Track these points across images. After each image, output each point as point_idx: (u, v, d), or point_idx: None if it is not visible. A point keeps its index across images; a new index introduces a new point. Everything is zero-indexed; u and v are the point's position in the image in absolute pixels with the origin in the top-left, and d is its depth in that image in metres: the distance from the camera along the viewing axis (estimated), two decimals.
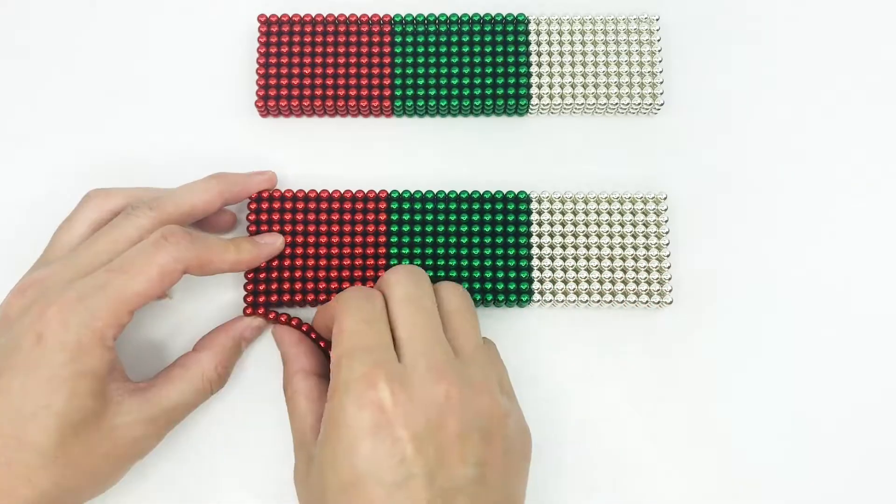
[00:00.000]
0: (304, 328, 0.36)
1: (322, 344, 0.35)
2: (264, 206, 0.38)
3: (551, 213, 0.38)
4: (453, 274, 0.37)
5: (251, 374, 0.37)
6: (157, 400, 0.32)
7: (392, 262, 0.37)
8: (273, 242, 0.36)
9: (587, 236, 0.37)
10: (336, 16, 0.40)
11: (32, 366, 0.28)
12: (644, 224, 0.37)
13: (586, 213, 0.38)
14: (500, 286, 0.37)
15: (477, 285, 0.37)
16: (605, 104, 0.39)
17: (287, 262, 0.37)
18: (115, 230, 0.32)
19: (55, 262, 0.32)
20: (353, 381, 0.28)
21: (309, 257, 0.37)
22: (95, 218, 0.34)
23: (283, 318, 0.36)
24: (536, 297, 0.37)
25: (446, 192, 0.38)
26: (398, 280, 0.31)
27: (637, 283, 0.37)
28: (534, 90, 0.39)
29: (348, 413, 0.28)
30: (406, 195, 0.38)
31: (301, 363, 0.34)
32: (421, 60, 0.39)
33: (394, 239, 0.37)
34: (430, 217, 0.37)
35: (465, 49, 0.39)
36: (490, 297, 0.36)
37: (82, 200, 0.34)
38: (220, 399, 0.36)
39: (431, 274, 0.37)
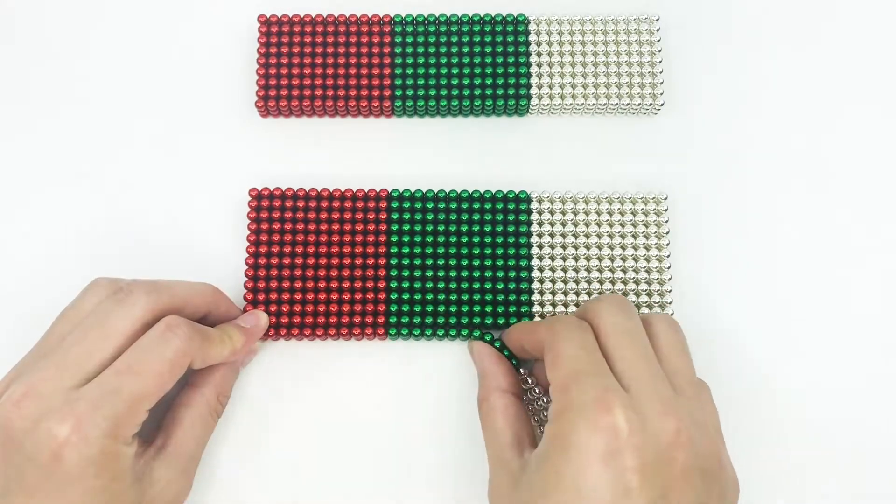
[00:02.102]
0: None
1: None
2: (265, 203, 0.37)
3: (551, 212, 0.38)
4: (453, 273, 0.37)
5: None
6: (179, 451, 0.32)
7: (392, 262, 0.37)
8: (258, 323, 0.36)
9: (587, 236, 0.37)
10: (336, 16, 0.40)
11: (55, 486, 0.28)
12: (644, 224, 0.37)
13: (586, 213, 0.38)
14: (500, 285, 0.37)
15: (477, 285, 0.37)
16: (605, 104, 0.39)
17: (287, 261, 0.37)
18: (108, 321, 0.30)
19: (45, 358, 0.30)
20: (586, 404, 0.27)
21: (309, 256, 0.37)
22: None
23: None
24: (536, 296, 0.37)
25: (447, 192, 0.38)
26: (609, 311, 0.31)
27: (637, 283, 0.37)
28: (534, 90, 0.39)
29: (581, 435, 0.27)
30: (406, 194, 0.38)
31: (499, 381, 0.34)
32: (421, 60, 0.39)
33: (394, 238, 0.37)
34: (430, 216, 0.37)
35: (465, 49, 0.39)
36: (490, 297, 0.37)
37: (87, 289, 0.33)
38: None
39: (431, 273, 0.37)
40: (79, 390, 0.28)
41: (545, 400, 0.32)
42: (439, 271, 0.37)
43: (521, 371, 0.34)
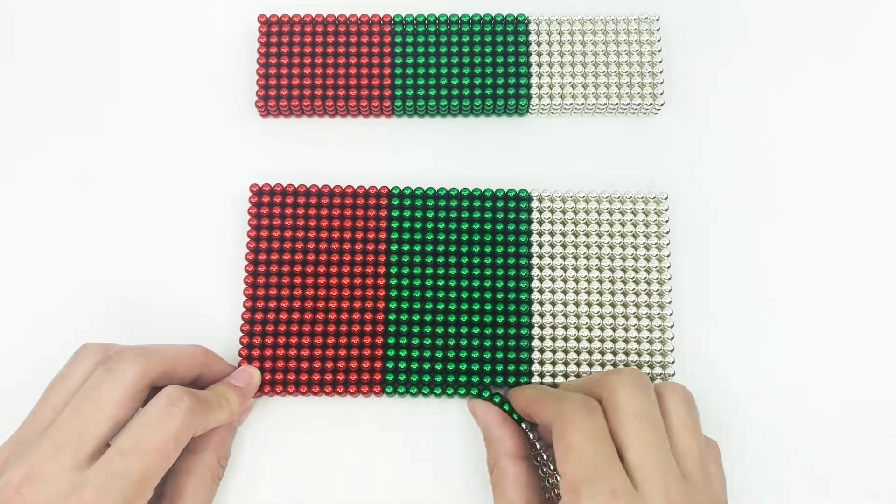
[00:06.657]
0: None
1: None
2: (265, 199, 0.37)
3: (552, 211, 0.38)
4: (453, 272, 0.37)
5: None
6: None
7: (392, 259, 0.37)
8: (251, 381, 0.35)
9: (587, 235, 0.37)
10: (336, 16, 0.40)
11: None
12: (644, 224, 0.37)
13: (586, 213, 0.38)
14: (500, 284, 0.37)
15: (476, 283, 0.37)
16: (605, 104, 0.39)
17: (287, 257, 0.37)
18: (100, 393, 0.30)
19: (41, 436, 0.29)
20: None
21: (309, 252, 0.37)
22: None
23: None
24: (536, 295, 0.37)
25: (447, 189, 0.38)
26: (626, 391, 0.30)
27: (637, 283, 0.37)
28: (534, 90, 0.39)
29: None
30: (407, 191, 0.38)
31: (507, 446, 0.33)
32: (421, 60, 0.39)
33: (394, 235, 0.37)
34: (430, 214, 0.37)
35: (465, 49, 0.39)
36: (489, 295, 0.36)
37: (75, 356, 0.32)
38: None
39: (431, 272, 0.37)
40: (84, 474, 0.28)
41: (551, 467, 0.32)
42: (439, 269, 0.37)
43: (530, 435, 0.33)
